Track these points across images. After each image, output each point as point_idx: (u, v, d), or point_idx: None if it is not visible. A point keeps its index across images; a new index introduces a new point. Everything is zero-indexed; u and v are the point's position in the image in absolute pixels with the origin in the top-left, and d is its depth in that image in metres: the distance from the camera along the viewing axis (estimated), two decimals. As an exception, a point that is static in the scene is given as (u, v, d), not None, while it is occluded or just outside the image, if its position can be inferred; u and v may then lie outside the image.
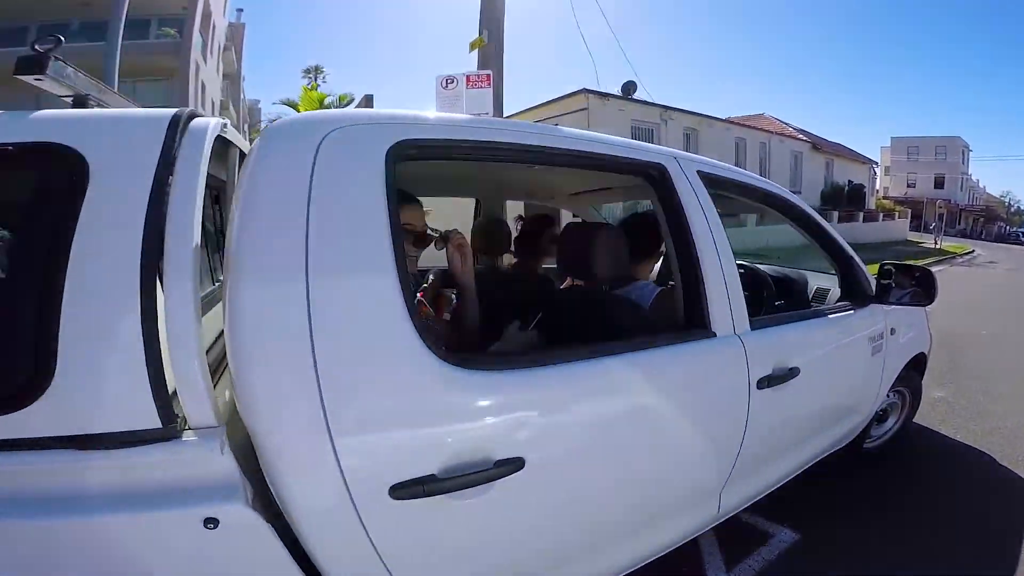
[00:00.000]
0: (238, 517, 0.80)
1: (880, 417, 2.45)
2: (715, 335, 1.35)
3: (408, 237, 1.29)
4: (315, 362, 0.79)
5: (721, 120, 16.47)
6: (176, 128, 0.90)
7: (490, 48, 4.10)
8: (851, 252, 2.02)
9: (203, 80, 17.20)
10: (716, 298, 1.37)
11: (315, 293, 0.81)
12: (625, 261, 1.58)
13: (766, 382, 1.41)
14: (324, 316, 0.81)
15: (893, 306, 1.99)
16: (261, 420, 0.79)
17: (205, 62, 17.33)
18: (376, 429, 0.85)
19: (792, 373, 1.50)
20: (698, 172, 1.47)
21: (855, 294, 1.99)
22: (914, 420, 2.64)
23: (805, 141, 19.88)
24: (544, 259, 2.38)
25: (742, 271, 2.60)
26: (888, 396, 2.35)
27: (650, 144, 1.46)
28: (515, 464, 0.94)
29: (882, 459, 2.45)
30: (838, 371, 1.86)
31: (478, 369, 0.93)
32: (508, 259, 2.57)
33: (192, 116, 0.97)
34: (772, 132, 18.32)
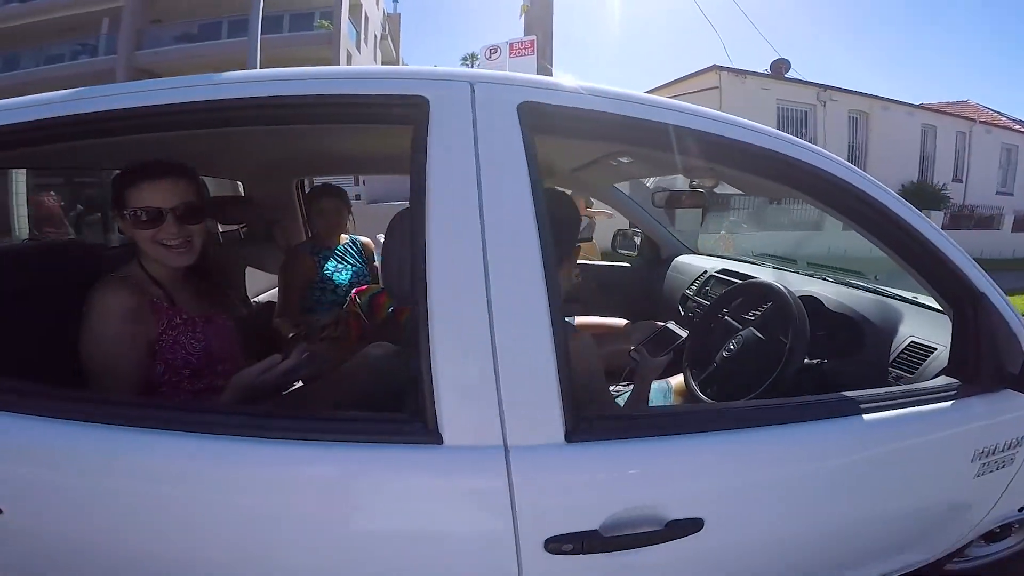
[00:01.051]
0: None
1: (992, 535, 1.56)
2: (441, 441, 0.73)
3: (160, 218, 1.02)
4: None
5: (902, 103, 13.57)
6: None
7: (536, 11, 3.60)
8: (981, 286, 1.03)
9: (356, 68, 18.72)
10: (456, 364, 0.74)
11: None
12: None
13: (576, 544, 0.75)
14: None
15: None
16: None
17: (359, 51, 18.84)
18: None
19: (675, 530, 0.79)
20: (528, 105, 0.78)
21: (974, 366, 1.04)
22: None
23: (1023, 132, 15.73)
24: None
25: (767, 302, 1.43)
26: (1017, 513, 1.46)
27: (425, 68, 0.83)
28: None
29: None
30: (851, 505, 0.97)
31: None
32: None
33: None
34: (975, 120, 14.74)
